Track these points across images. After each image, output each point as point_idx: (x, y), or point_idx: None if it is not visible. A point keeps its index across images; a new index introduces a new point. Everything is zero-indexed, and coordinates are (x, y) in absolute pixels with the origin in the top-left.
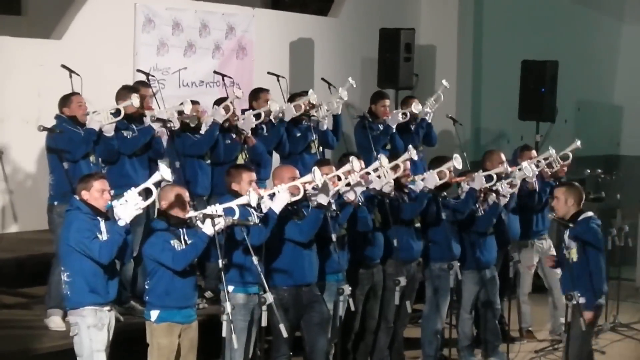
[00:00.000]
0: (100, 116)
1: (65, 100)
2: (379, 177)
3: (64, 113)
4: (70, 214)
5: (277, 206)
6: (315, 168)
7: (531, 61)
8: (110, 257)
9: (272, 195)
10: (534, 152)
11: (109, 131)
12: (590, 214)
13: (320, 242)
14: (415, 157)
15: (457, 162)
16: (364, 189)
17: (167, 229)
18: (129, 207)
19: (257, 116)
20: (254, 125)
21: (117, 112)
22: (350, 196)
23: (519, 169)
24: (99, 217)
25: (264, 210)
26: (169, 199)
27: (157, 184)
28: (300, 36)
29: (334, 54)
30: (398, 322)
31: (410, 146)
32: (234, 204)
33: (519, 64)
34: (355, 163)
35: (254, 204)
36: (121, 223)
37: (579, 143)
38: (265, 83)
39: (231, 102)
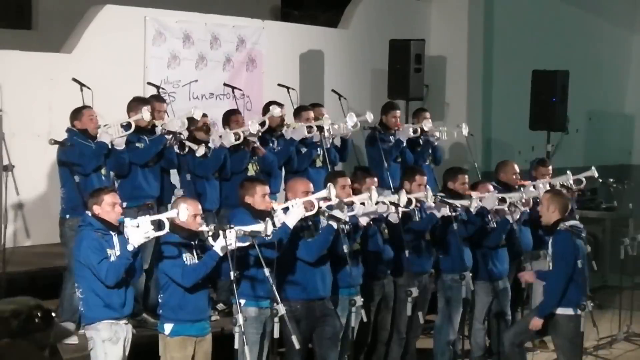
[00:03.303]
0: (112, 130)
1: (76, 114)
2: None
3: (76, 126)
4: (81, 230)
5: (291, 221)
6: (330, 185)
7: (542, 71)
8: (116, 279)
9: (285, 209)
10: (549, 169)
11: (120, 145)
12: (569, 224)
13: (334, 256)
14: (431, 202)
15: (473, 204)
16: (376, 216)
17: (179, 242)
18: (139, 232)
19: (262, 124)
20: (259, 134)
21: (128, 125)
22: (363, 221)
23: (534, 186)
24: (111, 232)
25: (277, 224)
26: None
27: (171, 220)
28: (310, 48)
29: (344, 65)
30: (410, 333)
31: (428, 187)
32: (248, 229)
33: (529, 74)
34: (374, 194)
35: (269, 232)
36: (129, 247)
37: (595, 171)
38: (275, 95)
39: (242, 132)
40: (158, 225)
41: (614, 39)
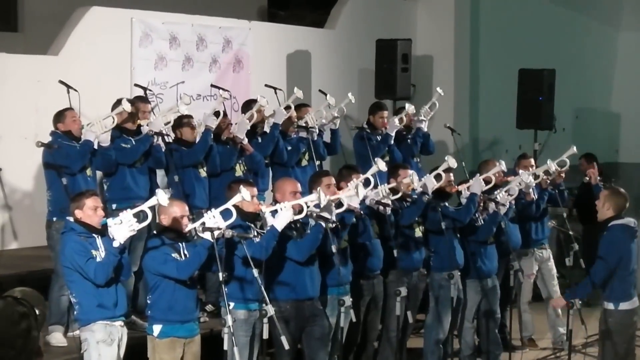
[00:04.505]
0: (95, 127)
1: (59, 116)
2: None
3: (59, 129)
4: (64, 236)
5: (280, 224)
6: (320, 189)
7: (528, 70)
8: (105, 278)
9: (274, 212)
10: (531, 160)
11: (105, 141)
12: (621, 222)
13: (322, 255)
14: (419, 187)
15: (450, 162)
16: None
17: (165, 244)
18: (123, 228)
19: (250, 118)
20: (248, 127)
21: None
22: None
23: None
24: (94, 235)
25: (266, 226)
26: (169, 213)
27: (153, 208)
28: (297, 48)
29: (331, 65)
30: (402, 332)
31: (413, 172)
32: (229, 204)
33: (516, 72)
34: (361, 190)
35: (247, 199)
36: (115, 244)
37: (574, 149)
38: (262, 96)
39: (222, 111)
40: (142, 217)
41: (600, 37)
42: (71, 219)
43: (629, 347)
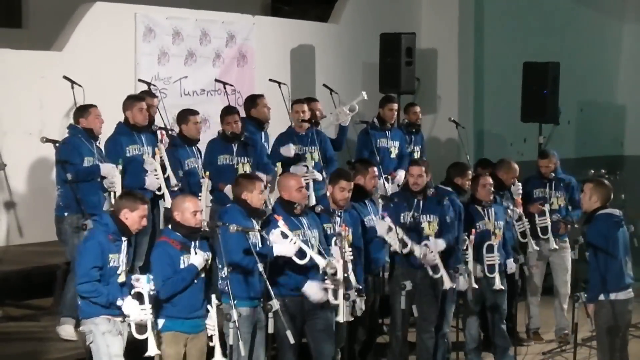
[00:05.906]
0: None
1: (82, 112)
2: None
3: (80, 124)
4: (95, 228)
5: (277, 251)
6: (330, 260)
7: (533, 63)
8: (103, 302)
9: (283, 234)
10: (547, 160)
11: (153, 185)
12: (606, 212)
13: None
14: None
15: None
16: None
17: (176, 241)
18: (134, 310)
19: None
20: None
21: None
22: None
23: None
24: (123, 237)
25: (267, 237)
26: (182, 209)
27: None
28: (300, 43)
29: (335, 59)
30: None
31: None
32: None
33: (520, 66)
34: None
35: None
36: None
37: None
38: (266, 90)
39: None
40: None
41: (604, 30)
42: (108, 214)
43: (623, 341)
